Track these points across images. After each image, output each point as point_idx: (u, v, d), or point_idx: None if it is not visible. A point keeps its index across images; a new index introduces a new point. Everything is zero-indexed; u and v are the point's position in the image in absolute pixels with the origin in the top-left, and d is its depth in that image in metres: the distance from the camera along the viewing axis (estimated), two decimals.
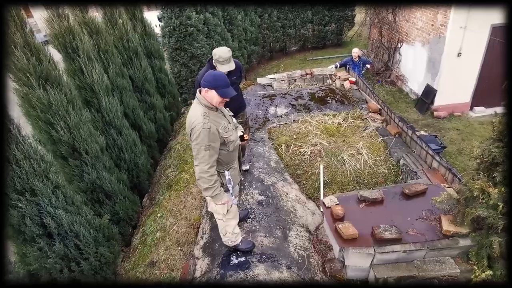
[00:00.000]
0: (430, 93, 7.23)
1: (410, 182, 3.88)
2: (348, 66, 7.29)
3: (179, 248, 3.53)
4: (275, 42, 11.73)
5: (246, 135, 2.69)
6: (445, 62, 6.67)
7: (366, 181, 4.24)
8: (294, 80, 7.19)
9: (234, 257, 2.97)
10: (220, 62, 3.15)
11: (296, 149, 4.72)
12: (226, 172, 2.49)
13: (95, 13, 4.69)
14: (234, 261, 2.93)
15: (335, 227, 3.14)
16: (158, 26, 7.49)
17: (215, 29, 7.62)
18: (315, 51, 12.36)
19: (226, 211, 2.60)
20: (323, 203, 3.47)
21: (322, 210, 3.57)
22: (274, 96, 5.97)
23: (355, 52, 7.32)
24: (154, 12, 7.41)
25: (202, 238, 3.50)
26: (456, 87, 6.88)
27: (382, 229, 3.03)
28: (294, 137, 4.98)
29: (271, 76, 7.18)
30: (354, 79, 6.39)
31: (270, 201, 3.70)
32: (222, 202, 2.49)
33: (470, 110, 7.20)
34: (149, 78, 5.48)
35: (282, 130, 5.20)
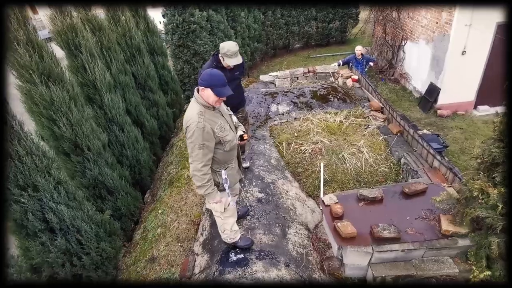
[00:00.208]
0: (433, 91, 7.17)
1: (411, 181, 3.87)
2: (351, 64, 7.26)
3: (179, 244, 3.56)
4: (279, 39, 11.67)
5: (245, 135, 2.68)
6: (449, 60, 6.61)
7: (366, 179, 4.24)
8: (297, 77, 7.17)
9: (233, 254, 2.99)
10: (228, 55, 3.18)
11: (297, 147, 4.73)
12: (223, 171, 2.50)
13: (98, 10, 4.70)
14: (233, 258, 2.95)
15: (334, 226, 3.15)
16: (162, 23, 7.49)
17: (218, 26, 7.61)
18: (319, 49, 12.29)
19: (224, 209, 2.62)
20: (323, 202, 3.48)
21: (321, 208, 3.58)
22: (276, 93, 5.96)
23: (358, 50, 7.28)
24: (159, 9, 7.39)
25: (202, 234, 3.53)
26: (460, 86, 6.81)
27: (380, 228, 3.03)
28: (295, 135, 4.98)
29: (274, 73, 7.16)
30: (356, 77, 6.36)
31: (270, 198, 3.71)
32: (215, 201, 2.51)
33: (474, 109, 7.13)
34: (151, 75, 5.50)
35: (283, 128, 5.20)
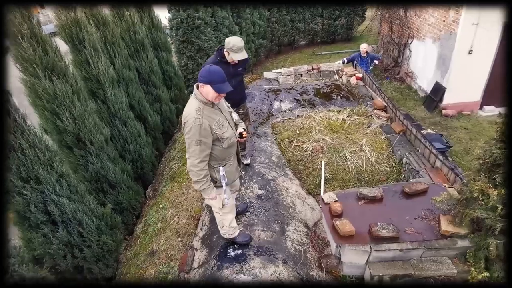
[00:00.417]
0: (439, 90, 7.10)
1: (412, 181, 3.85)
2: (355, 62, 7.20)
3: (179, 238, 3.60)
4: (284, 36, 11.59)
5: (245, 133, 2.69)
6: (455, 59, 6.52)
7: (367, 178, 4.22)
8: (301, 75, 7.15)
9: (231, 249, 3.02)
10: (234, 50, 3.21)
11: (298, 144, 4.73)
12: (221, 168, 2.52)
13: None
14: (231, 253, 2.98)
15: (333, 224, 3.15)
16: (167, 18, 7.49)
17: (223, 22, 7.59)
18: (324, 46, 12.21)
19: (222, 206, 2.64)
20: (322, 200, 3.47)
21: (321, 206, 3.58)
22: (279, 90, 5.95)
23: (363, 47, 7.22)
24: (164, 8, 7.38)
25: (201, 230, 3.56)
26: (466, 85, 6.73)
27: (379, 227, 3.02)
28: (297, 132, 4.98)
29: (278, 70, 7.15)
30: (360, 75, 6.32)
31: (269, 195, 3.73)
32: (210, 197, 2.53)
33: (480, 109, 7.04)
34: (155, 70, 5.52)
35: (285, 125, 5.20)
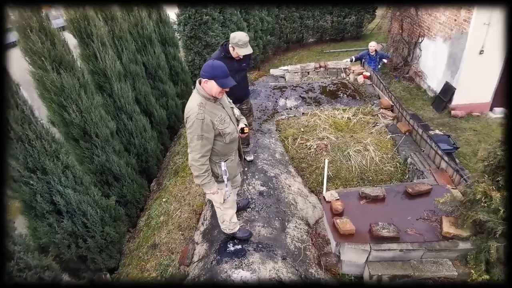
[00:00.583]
0: (448, 91, 6.99)
1: (415, 181, 3.82)
2: (363, 60, 7.13)
3: (181, 232, 3.65)
4: (292, 33, 11.50)
5: (246, 128, 2.71)
6: (466, 59, 6.42)
7: (370, 178, 4.20)
8: (308, 72, 7.11)
9: (231, 244, 3.05)
10: (239, 45, 3.21)
11: (302, 142, 4.72)
12: (223, 163, 2.54)
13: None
14: (231, 248, 3.01)
15: (333, 222, 3.15)
16: (175, 13, 7.52)
17: (231, 18, 7.59)
18: (333, 44, 12.10)
19: (223, 200, 2.66)
20: (324, 198, 3.48)
21: (322, 204, 3.58)
22: (285, 88, 5.94)
23: (372, 45, 7.14)
24: (174, 8, 7.41)
25: (203, 224, 3.60)
26: (476, 86, 6.61)
27: (380, 226, 3.01)
28: (302, 130, 4.97)
29: (284, 67, 7.13)
30: (368, 74, 6.26)
31: (271, 192, 3.74)
32: (211, 192, 2.56)
33: (490, 110, 6.92)
34: (162, 65, 5.56)
35: (290, 123, 5.19)
